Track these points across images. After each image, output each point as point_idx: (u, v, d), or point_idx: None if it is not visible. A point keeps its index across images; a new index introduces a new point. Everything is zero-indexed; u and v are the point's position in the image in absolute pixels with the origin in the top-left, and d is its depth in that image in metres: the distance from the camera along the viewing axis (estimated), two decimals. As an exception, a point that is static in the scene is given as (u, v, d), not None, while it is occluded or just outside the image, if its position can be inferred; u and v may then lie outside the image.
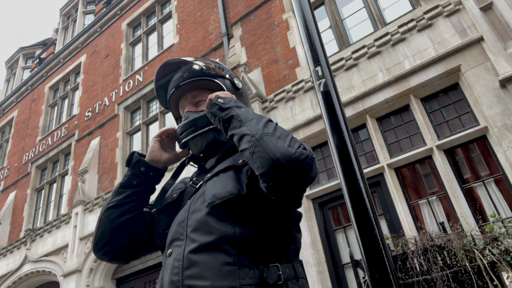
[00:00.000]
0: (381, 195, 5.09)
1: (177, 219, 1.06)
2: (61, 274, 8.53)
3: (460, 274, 3.41)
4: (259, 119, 0.99)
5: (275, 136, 0.92)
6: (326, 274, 5.09)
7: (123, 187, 1.17)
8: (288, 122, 6.14)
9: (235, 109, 1.03)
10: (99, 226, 1.15)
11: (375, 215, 0.97)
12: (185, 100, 1.25)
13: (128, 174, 1.17)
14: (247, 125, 0.97)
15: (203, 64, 1.23)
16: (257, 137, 0.92)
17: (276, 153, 0.87)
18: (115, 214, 1.14)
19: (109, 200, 1.17)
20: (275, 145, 0.89)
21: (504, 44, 4.43)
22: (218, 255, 0.92)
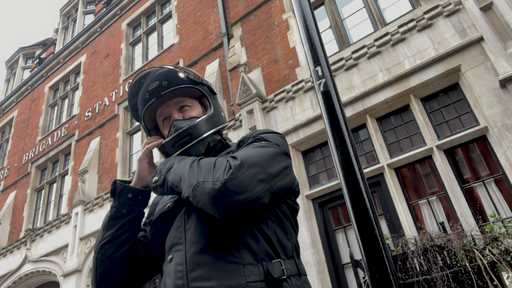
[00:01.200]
0: (381, 195, 5.09)
1: (174, 226, 1.05)
2: (61, 274, 8.54)
3: (460, 274, 3.41)
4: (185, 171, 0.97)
5: (201, 183, 0.90)
6: (326, 274, 5.09)
7: (113, 219, 1.10)
8: (288, 122, 6.14)
9: (168, 176, 1.02)
10: (97, 266, 1.08)
11: (375, 215, 0.97)
12: (166, 107, 1.17)
13: (116, 205, 1.10)
14: (182, 188, 0.96)
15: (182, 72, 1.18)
16: (192, 196, 0.92)
17: (209, 200, 0.88)
18: (112, 249, 1.08)
19: (101, 236, 1.10)
20: (205, 193, 0.88)
21: (504, 44, 4.43)
22: (222, 255, 0.92)
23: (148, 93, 1.15)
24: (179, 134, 1.10)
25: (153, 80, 1.15)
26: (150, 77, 1.17)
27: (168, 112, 1.17)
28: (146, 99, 1.16)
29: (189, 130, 1.10)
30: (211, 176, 0.90)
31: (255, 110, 6.40)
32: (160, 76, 1.16)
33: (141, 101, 1.18)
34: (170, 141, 1.11)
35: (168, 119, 1.17)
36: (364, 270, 1.99)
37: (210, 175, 0.90)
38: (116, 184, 1.11)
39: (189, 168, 0.97)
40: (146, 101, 1.16)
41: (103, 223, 1.11)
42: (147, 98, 1.15)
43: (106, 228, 1.10)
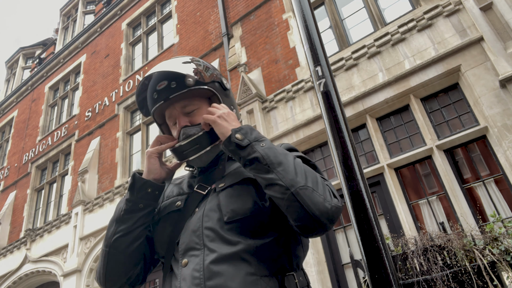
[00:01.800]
0: (381, 195, 5.09)
1: (189, 228, 1.02)
2: (61, 274, 8.54)
3: (460, 274, 3.41)
4: (287, 162, 0.95)
5: (310, 189, 0.91)
6: (326, 274, 5.09)
7: (128, 212, 1.07)
8: (288, 122, 6.14)
9: (256, 146, 0.97)
10: (108, 260, 1.06)
11: (375, 215, 0.97)
12: (173, 110, 1.14)
13: (133, 199, 1.07)
14: (277, 173, 0.93)
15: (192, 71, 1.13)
16: (292, 191, 0.90)
17: (314, 211, 0.90)
18: (126, 243, 1.06)
19: (113, 229, 1.07)
20: (312, 201, 0.90)
21: (504, 44, 4.43)
22: (240, 265, 0.93)
23: (157, 94, 1.14)
24: (189, 142, 1.09)
25: (162, 78, 1.13)
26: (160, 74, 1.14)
27: (175, 117, 1.15)
28: (155, 100, 1.15)
29: (198, 139, 1.09)
30: (320, 189, 0.93)
31: (255, 110, 6.40)
32: (169, 76, 1.12)
33: (150, 98, 1.17)
34: (180, 148, 1.10)
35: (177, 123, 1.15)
36: (364, 270, 1.99)
37: (319, 188, 0.93)
38: (135, 178, 1.08)
39: (291, 159, 0.97)
40: (154, 101, 1.15)
41: (116, 217, 1.08)
42: (155, 99, 1.14)
43: (120, 222, 1.07)
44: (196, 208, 1.07)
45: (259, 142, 0.99)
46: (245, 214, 0.98)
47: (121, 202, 1.11)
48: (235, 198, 1.01)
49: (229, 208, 1.00)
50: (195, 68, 1.14)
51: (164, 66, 1.13)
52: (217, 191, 1.07)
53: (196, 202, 1.09)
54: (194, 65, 1.15)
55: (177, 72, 1.11)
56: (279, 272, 0.97)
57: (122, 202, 1.09)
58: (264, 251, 0.97)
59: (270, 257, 0.97)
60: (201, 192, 1.10)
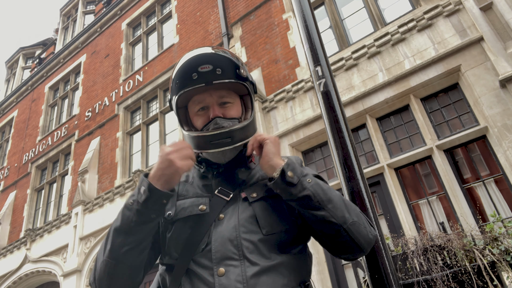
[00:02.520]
0: (381, 195, 5.09)
1: (223, 235, 1.00)
2: (61, 274, 8.53)
3: (460, 274, 3.41)
4: (334, 199, 1.00)
5: (357, 224, 0.99)
6: (326, 274, 5.09)
7: (140, 224, 0.95)
8: (288, 122, 6.14)
9: (304, 183, 0.98)
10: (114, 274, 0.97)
11: (375, 215, 0.97)
12: (209, 97, 1.08)
13: (146, 211, 0.94)
14: (328, 210, 0.97)
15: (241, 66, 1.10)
16: (345, 227, 0.97)
17: (362, 243, 0.99)
18: (134, 255, 0.98)
19: (121, 241, 0.95)
20: (361, 235, 0.99)
21: (504, 44, 4.43)
22: (276, 277, 0.97)
23: (197, 75, 1.05)
24: (221, 133, 1.04)
25: (206, 61, 1.05)
26: (207, 56, 1.06)
27: (209, 103, 1.09)
28: (193, 80, 1.05)
29: (231, 133, 1.05)
30: (362, 222, 1.02)
31: (255, 110, 6.40)
32: (215, 60, 1.06)
33: (185, 78, 1.06)
34: (209, 137, 1.04)
35: (206, 110, 1.09)
36: (364, 270, 1.99)
37: (362, 221, 1.02)
38: (152, 191, 0.93)
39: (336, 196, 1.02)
40: (191, 81, 1.05)
41: (125, 228, 0.95)
42: (195, 80, 1.05)
43: (129, 234, 0.95)
44: (221, 214, 1.04)
45: (305, 177, 1.00)
46: (281, 229, 1.02)
47: (127, 209, 0.97)
48: (271, 212, 1.04)
49: (267, 222, 1.02)
50: (240, 61, 1.11)
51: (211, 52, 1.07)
52: (249, 201, 1.05)
53: (219, 207, 1.06)
54: (236, 58, 1.11)
55: (230, 59, 1.07)
56: (302, 282, 1.02)
57: (130, 211, 0.95)
58: (293, 263, 1.02)
59: (296, 269, 1.03)
60: (224, 198, 1.07)
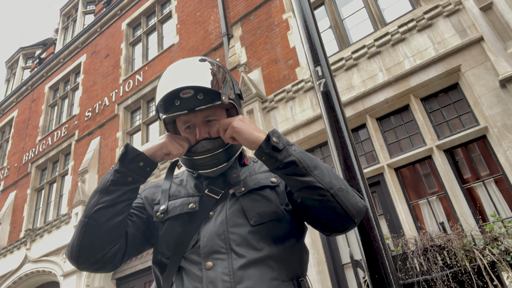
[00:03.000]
0: (381, 195, 5.09)
1: (211, 231, 1.02)
2: (61, 274, 8.54)
3: (460, 274, 3.41)
4: (321, 166, 1.01)
5: (345, 191, 0.99)
6: (326, 274, 5.09)
7: (115, 184, 1.00)
8: (288, 122, 6.14)
9: (290, 149, 1.00)
10: (86, 231, 0.98)
11: (375, 215, 0.97)
12: (194, 117, 1.10)
13: (123, 170, 1.01)
14: (314, 176, 0.97)
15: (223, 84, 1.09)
16: (332, 192, 0.96)
17: (351, 210, 0.98)
18: (107, 216, 0.99)
19: (95, 200, 1.00)
20: (349, 202, 0.98)
21: (504, 44, 4.43)
22: (265, 270, 0.97)
23: (180, 101, 1.06)
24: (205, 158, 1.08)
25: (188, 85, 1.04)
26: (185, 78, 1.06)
27: (194, 123, 1.11)
28: (176, 106, 1.07)
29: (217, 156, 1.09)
30: (351, 191, 1.02)
31: (255, 110, 6.40)
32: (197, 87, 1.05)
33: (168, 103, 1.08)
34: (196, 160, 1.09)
35: (193, 128, 1.12)
36: (364, 270, 1.99)
37: (350, 189, 1.02)
38: (128, 148, 1.02)
39: (323, 163, 1.03)
40: (175, 107, 1.07)
41: (101, 187, 1.01)
42: (177, 106, 1.06)
43: (104, 193, 1.00)
44: (211, 211, 1.08)
45: (290, 146, 1.02)
46: (270, 218, 1.03)
47: (107, 173, 1.04)
48: (259, 202, 1.05)
49: (255, 212, 1.03)
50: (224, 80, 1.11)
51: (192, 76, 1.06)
52: (237, 196, 1.08)
53: (210, 206, 1.09)
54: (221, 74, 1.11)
55: (211, 90, 1.06)
56: (294, 277, 1.03)
57: (109, 174, 1.03)
58: (284, 257, 1.02)
59: (288, 263, 1.03)
60: (214, 196, 1.10)
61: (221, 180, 1.15)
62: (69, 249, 1.01)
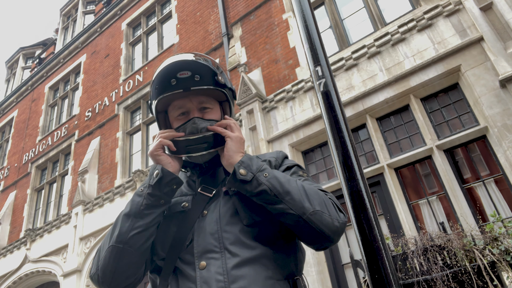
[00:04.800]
0: (381, 195, 5.09)
1: (204, 230, 1.01)
2: (61, 274, 8.54)
3: (460, 274, 3.41)
4: (293, 190, 0.98)
5: (319, 213, 0.97)
6: (326, 274, 5.09)
7: (150, 208, 1.00)
8: (288, 122, 6.14)
9: (260, 178, 0.98)
10: (121, 258, 0.97)
11: (375, 215, 0.97)
12: (188, 102, 1.10)
13: (157, 193, 1.00)
14: (286, 202, 0.96)
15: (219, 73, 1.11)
16: (304, 218, 0.96)
17: (326, 231, 0.97)
18: (142, 240, 0.98)
19: (130, 225, 0.98)
20: (323, 224, 0.97)
21: (504, 44, 4.43)
22: (260, 269, 0.96)
23: (176, 81, 1.05)
24: (197, 139, 1.06)
25: (185, 68, 1.06)
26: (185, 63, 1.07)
27: (188, 108, 1.11)
28: (171, 86, 1.06)
29: (209, 138, 1.06)
30: (326, 210, 0.99)
31: (255, 110, 6.40)
32: (194, 67, 1.07)
33: (164, 84, 1.07)
34: (184, 142, 1.06)
35: (187, 115, 1.11)
36: (364, 270, 1.99)
37: (325, 209, 0.99)
38: (165, 172, 1.00)
39: (296, 186, 1.00)
40: (170, 87, 1.06)
41: (134, 211, 0.99)
42: (173, 85, 1.06)
43: (138, 217, 0.98)
44: (204, 210, 1.06)
45: (262, 172, 1.00)
46: (262, 218, 1.02)
47: (137, 195, 1.02)
48: (251, 202, 1.03)
49: (247, 212, 1.02)
50: (220, 69, 1.13)
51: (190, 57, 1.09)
52: (230, 194, 1.07)
53: (203, 204, 1.07)
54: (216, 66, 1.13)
55: (208, 66, 1.09)
56: (289, 276, 1.02)
57: (141, 196, 1.01)
58: (278, 256, 1.01)
59: (282, 261, 1.01)
60: (207, 194, 1.09)
61: (214, 178, 1.14)
62: (100, 274, 0.99)
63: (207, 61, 1.11)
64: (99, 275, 0.99)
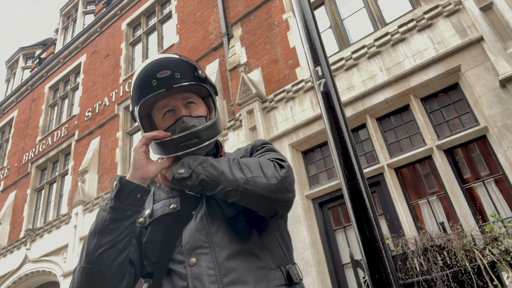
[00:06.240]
0: (381, 195, 5.09)
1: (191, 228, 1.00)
2: (61, 274, 8.54)
3: (460, 274, 3.41)
4: (224, 168, 0.97)
5: (252, 179, 0.95)
6: (326, 274, 5.09)
7: (114, 222, 0.93)
8: (288, 122, 6.14)
9: (199, 169, 0.98)
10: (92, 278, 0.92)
11: (375, 215, 0.96)
12: (172, 100, 1.08)
13: (120, 206, 0.94)
14: (222, 182, 0.96)
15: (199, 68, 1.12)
16: (240, 189, 0.94)
17: (265, 193, 0.94)
18: (112, 257, 0.93)
19: (96, 243, 0.93)
20: (260, 188, 0.94)
21: (504, 44, 4.43)
22: (251, 260, 0.96)
23: (157, 81, 1.03)
24: (187, 135, 1.03)
25: (163, 67, 1.04)
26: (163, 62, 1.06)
27: (173, 106, 1.09)
28: (153, 87, 1.03)
29: (199, 133, 1.05)
30: (262, 172, 0.96)
31: (255, 110, 6.40)
32: (172, 65, 1.05)
33: (145, 86, 1.04)
34: (176, 139, 1.03)
35: (172, 113, 1.09)
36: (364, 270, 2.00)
37: (261, 172, 0.96)
38: (123, 182, 0.94)
39: (230, 164, 0.99)
40: (152, 88, 1.03)
41: (98, 228, 0.94)
42: (154, 86, 1.03)
43: (104, 233, 0.93)
44: (193, 210, 1.05)
45: (200, 165, 1.00)
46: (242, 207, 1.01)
47: (102, 211, 0.97)
48: None
49: (229, 204, 1.02)
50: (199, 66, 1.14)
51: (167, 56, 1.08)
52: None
53: (191, 205, 1.06)
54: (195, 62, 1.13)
55: (187, 62, 1.09)
56: (282, 265, 1.01)
57: (105, 211, 0.95)
58: (268, 245, 1.01)
59: (273, 250, 1.01)
60: (195, 194, 1.07)
61: None
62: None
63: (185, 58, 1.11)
64: None
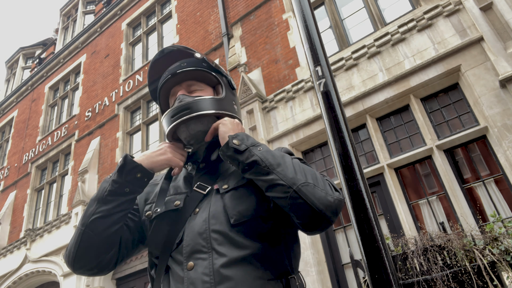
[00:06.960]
0: (381, 195, 5.09)
1: (193, 229, 1.00)
2: (61, 274, 8.54)
3: (460, 274, 3.41)
4: (285, 163, 0.98)
5: (311, 185, 0.94)
6: (326, 274, 5.09)
7: (112, 194, 1.01)
8: (288, 122, 6.14)
9: (254, 150, 1.00)
10: (82, 240, 0.99)
11: (375, 215, 0.96)
12: (179, 87, 1.20)
13: (120, 181, 1.02)
14: (277, 173, 0.95)
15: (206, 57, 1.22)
16: (295, 188, 0.93)
17: (318, 205, 0.92)
18: (103, 226, 1.00)
19: (93, 209, 1.01)
20: (315, 197, 0.93)
21: (504, 44, 4.43)
22: (248, 269, 0.94)
23: (167, 72, 1.20)
24: (178, 106, 1.11)
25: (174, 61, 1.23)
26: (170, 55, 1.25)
27: (177, 92, 1.20)
28: (163, 77, 1.21)
29: (190, 104, 1.11)
30: (321, 185, 0.96)
31: (255, 110, 6.40)
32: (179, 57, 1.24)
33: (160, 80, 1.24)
34: (169, 112, 1.12)
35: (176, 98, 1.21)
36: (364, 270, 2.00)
37: (320, 184, 0.97)
38: (127, 160, 1.03)
39: (289, 160, 1.00)
40: (163, 79, 1.21)
41: (98, 196, 1.02)
42: (164, 76, 1.21)
43: (102, 202, 1.01)
44: (197, 208, 1.05)
45: (256, 146, 1.01)
46: (251, 216, 0.99)
47: (105, 182, 1.05)
48: (240, 200, 1.02)
49: (236, 210, 1.00)
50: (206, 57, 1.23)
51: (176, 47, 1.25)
52: (221, 193, 1.06)
53: (196, 202, 1.06)
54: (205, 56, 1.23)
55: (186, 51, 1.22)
56: (282, 275, 0.99)
57: (107, 182, 1.04)
58: (269, 254, 0.98)
59: (274, 260, 0.99)
60: (201, 192, 1.08)
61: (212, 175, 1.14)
62: (67, 254, 1.04)
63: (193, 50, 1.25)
64: (66, 254, 1.04)
